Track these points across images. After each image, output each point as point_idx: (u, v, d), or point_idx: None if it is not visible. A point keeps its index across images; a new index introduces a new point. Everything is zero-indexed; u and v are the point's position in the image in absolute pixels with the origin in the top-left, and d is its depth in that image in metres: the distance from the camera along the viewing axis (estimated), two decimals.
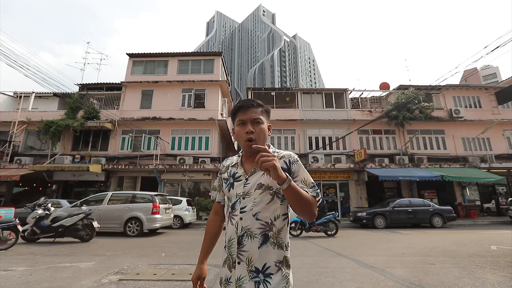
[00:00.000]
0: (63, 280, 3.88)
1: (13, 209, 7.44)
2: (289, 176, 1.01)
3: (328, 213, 9.10)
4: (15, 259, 5.21)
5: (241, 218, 1.12)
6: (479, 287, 3.59)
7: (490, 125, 15.62)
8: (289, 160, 1.19)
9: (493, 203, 16.29)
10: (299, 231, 8.90)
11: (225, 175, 1.27)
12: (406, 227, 11.39)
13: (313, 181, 1.18)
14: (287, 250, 1.14)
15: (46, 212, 7.29)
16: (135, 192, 10.50)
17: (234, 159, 1.31)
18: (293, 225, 8.90)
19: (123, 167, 15.20)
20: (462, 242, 7.26)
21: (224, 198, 1.29)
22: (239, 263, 1.09)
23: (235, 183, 1.20)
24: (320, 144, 16.77)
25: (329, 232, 8.84)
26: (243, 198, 1.14)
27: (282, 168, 1.11)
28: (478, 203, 16.02)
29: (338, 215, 9.39)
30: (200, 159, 15.38)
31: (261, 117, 1.21)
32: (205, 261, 1.30)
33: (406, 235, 8.93)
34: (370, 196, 15.86)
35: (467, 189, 15.88)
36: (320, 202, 1.13)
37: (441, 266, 4.67)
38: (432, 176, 13.69)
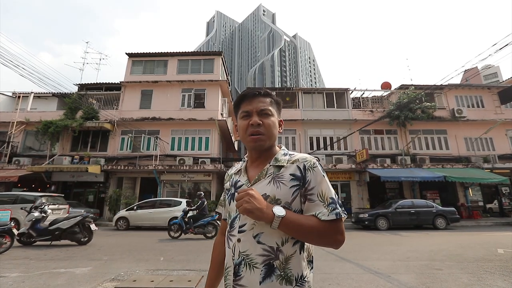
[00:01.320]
0: (56, 287, 3.73)
1: (9, 211, 7.28)
2: (276, 213, 0.80)
3: (207, 215, 8.91)
4: (9, 264, 5.06)
5: (238, 240, 0.88)
6: None
7: (493, 125, 15.44)
8: (304, 166, 0.91)
9: (495, 204, 16.12)
10: (178, 233, 8.76)
11: (227, 185, 1.06)
12: (409, 228, 11.23)
13: (332, 196, 0.87)
14: (301, 285, 0.84)
15: (43, 214, 7.15)
16: (20, 193, 10.24)
17: (239, 165, 1.09)
18: (172, 227, 8.88)
19: (122, 167, 15.06)
20: (467, 245, 7.10)
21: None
22: None
23: (236, 194, 0.95)
24: (321, 145, 16.61)
25: (208, 235, 8.61)
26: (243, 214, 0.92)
27: (295, 175, 0.90)
28: (481, 203, 15.86)
29: (218, 216, 8.94)
30: (200, 160, 15.23)
31: (270, 108, 0.98)
32: None
33: (409, 237, 8.76)
34: (371, 197, 15.70)
35: (470, 190, 15.72)
36: (202, 203, 0.87)
37: (448, 271, 4.51)
38: (435, 177, 13.52)
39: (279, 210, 0.81)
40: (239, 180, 1.00)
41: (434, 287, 3.77)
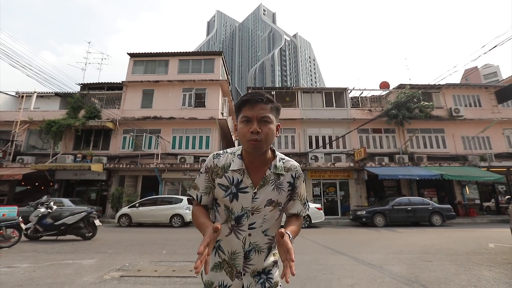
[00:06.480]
0: (66, 276, 3.96)
1: (16, 207, 7.50)
2: (289, 236, 0.97)
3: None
4: (19, 256, 5.29)
5: (249, 234, 1.08)
6: (475, 283, 3.63)
7: (489, 124, 15.63)
8: (295, 175, 1.14)
9: (492, 202, 16.31)
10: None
11: (224, 181, 1.08)
12: (406, 225, 11.43)
13: (306, 197, 1.21)
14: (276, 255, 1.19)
15: (49, 210, 7.38)
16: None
17: (232, 159, 1.11)
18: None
19: (124, 166, 15.30)
20: (460, 240, 7.31)
21: (213, 203, 1.17)
22: (244, 274, 1.09)
23: (239, 194, 1.06)
24: (320, 143, 16.81)
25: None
26: (252, 214, 1.06)
27: (289, 182, 1.13)
28: (477, 201, 16.04)
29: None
30: (200, 158, 15.46)
31: (270, 115, 1.04)
32: None
33: (405, 234, 8.97)
34: (369, 195, 15.90)
35: (467, 188, 15.91)
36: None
37: (438, 263, 4.72)
38: (432, 175, 13.72)
39: (290, 236, 0.99)
40: (242, 181, 1.07)
41: (422, 276, 3.98)
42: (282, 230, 0.96)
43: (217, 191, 1.10)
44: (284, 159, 1.15)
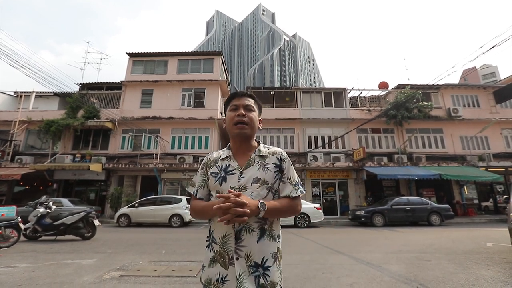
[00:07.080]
0: (65, 276, 3.96)
1: (15, 207, 7.49)
2: (260, 201, 1.05)
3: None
4: (18, 256, 5.29)
5: None
6: (473, 282, 3.65)
7: (488, 124, 15.69)
8: (281, 157, 1.21)
9: (491, 202, 16.38)
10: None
11: (214, 169, 1.20)
12: (404, 225, 11.45)
13: (297, 179, 1.22)
14: (279, 242, 1.15)
15: (48, 210, 7.37)
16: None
17: (222, 152, 1.26)
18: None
19: (123, 166, 15.28)
20: (458, 239, 7.33)
21: (209, 195, 1.23)
22: (237, 259, 1.05)
23: (227, 176, 1.15)
24: (319, 143, 16.83)
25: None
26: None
27: (275, 164, 1.18)
28: (476, 201, 16.11)
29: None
30: (200, 158, 15.45)
31: (254, 106, 1.24)
32: None
33: (403, 233, 9.00)
34: (368, 195, 15.92)
35: (465, 188, 15.96)
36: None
37: (436, 262, 4.75)
38: (430, 175, 13.76)
39: (262, 206, 1.06)
40: (230, 165, 1.18)
41: (421, 275, 4.00)
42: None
43: (210, 180, 1.20)
44: (268, 147, 1.27)
